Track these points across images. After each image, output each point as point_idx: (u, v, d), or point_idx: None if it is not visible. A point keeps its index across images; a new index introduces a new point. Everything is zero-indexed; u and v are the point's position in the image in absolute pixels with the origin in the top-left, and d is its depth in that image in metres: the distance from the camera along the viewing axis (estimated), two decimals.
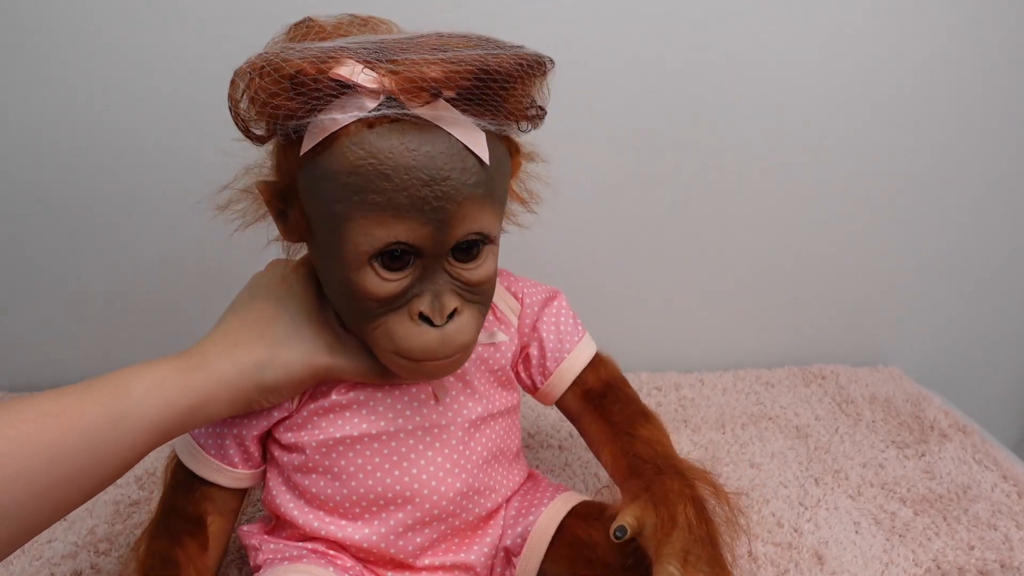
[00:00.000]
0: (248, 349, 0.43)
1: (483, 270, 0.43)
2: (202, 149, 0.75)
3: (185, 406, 0.40)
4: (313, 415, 0.47)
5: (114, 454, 0.37)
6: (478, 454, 0.49)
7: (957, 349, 0.98)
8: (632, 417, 0.52)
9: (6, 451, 0.33)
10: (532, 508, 0.51)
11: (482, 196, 0.40)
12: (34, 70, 0.71)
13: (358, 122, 0.38)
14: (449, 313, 0.42)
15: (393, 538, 0.47)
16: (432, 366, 0.42)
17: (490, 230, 0.42)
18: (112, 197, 0.76)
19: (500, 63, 0.38)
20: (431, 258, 0.41)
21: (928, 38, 0.79)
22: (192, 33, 0.70)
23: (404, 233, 0.39)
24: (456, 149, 0.39)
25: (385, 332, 0.42)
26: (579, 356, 0.54)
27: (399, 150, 0.38)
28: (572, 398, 0.55)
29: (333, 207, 0.39)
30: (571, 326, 0.55)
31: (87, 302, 0.81)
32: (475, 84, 0.38)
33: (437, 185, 0.38)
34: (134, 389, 0.39)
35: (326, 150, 0.39)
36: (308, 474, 0.47)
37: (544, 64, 0.41)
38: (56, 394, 0.37)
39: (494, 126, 0.40)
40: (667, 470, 0.46)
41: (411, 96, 0.37)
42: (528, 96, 0.41)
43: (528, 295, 0.54)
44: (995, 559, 0.57)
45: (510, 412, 0.52)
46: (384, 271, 0.40)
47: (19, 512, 0.34)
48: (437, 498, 0.47)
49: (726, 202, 0.84)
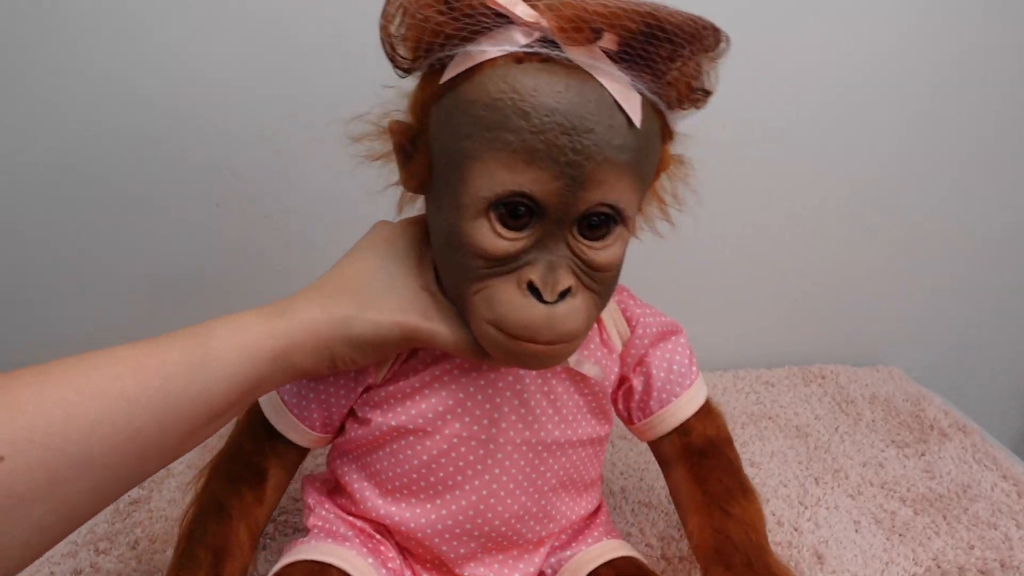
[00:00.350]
0: (339, 301, 0.41)
1: (609, 253, 0.38)
2: (202, 152, 0.75)
3: (269, 352, 0.38)
4: (392, 396, 0.45)
5: (196, 402, 0.36)
6: (546, 479, 0.46)
7: (957, 349, 0.98)
8: (732, 490, 0.47)
9: (81, 401, 0.32)
10: (574, 543, 0.48)
11: (625, 163, 0.36)
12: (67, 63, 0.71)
13: (506, 56, 0.35)
14: (563, 291, 0.37)
15: (438, 540, 0.45)
16: (530, 348, 0.37)
17: (626, 206, 0.37)
18: (115, 196, 0.76)
19: (672, 15, 0.34)
20: (554, 223, 0.37)
21: (932, 39, 0.79)
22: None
23: (531, 183, 0.35)
24: (606, 103, 0.35)
25: (486, 298, 0.38)
26: (687, 403, 0.49)
27: (544, 89, 0.34)
28: (669, 445, 0.50)
29: (462, 143, 0.36)
30: (685, 367, 0.50)
31: (90, 301, 0.82)
32: (642, 31, 0.34)
33: (578, 136, 0.34)
34: (215, 334, 0.37)
35: (467, 80, 0.36)
36: (375, 451, 0.46)
37: (720, 33, 0.37)
38: (133, 344, 0.35)
39: (652, 93, 0.37)
40: (759, 569, 0.43)
41: (569, 33, 0.34)
42: (697, 68, 0.38)
43: (643, 324, 0.49)
44: (995, 558, 0.57)
45: (596, 442, 0.48)
46: (501, 226, 0.36)
47: (103, 463, 0.32)
48: (492, 515, 0.45)
49: (725, 202, 0.84)
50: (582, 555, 0.47)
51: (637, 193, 0.38)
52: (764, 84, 0.78)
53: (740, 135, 0.80)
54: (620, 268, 0.41)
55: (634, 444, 0.72)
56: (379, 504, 0.46)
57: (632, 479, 0.67)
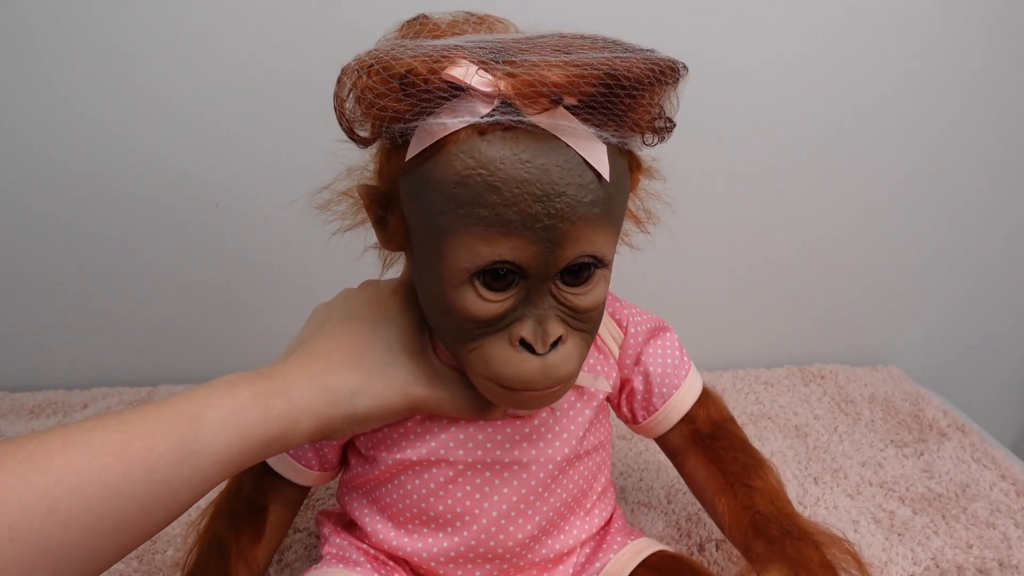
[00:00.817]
0: (341, 375, 0.40)
1: (593, 296, 0.39)
2: (201, 152, 0.75)
3: (263, 437, 0.37)
4: (394, 431, 0.45)
5: (183, 489, 0.34)
6: (557, 496, 0.46)
7: (956, 348, 0.98)
8: (749, 465, 0.49)
9: (65, 494, 0.30)
10: (600, 554, 0.48)
11: (598, 216, 0.36)
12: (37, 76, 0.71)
13: (469, 128, 0.35)
14: (553, 341, 0.38)
15: (453, 567, 0.45)
16: (529, 396, 0.39)
17: (604, 253, 0.38)
18: (115, 196, 0.77)
19: (629, 68, 0.34)
20: (537, 280, 0.37)
21: (928, 38, 0.79)
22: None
23: (510, 252, 0.35)
24: (574, 163, 0.35)
25: (481, 356, 0.39)
26: (687, 393, 0.51)
27: (511, 161, 0.34)
28: (677, 436, 0.51)
29: (436, 218, 0.36)
30: (679, 359, 0.51)
31: (90, 303, 0.82)
32: (600, 91, 0.34)
33: (550, 201, 0.35)
34: (208, 420, 0.35)
35: (432, 157, 0.36)
36: (382, 485, 0.46)
37: (677, 71, 0.36)
38: (121, 422, 0.34)
39: (617, 138, 0.37)
40: (798, 534, 0.44)
41: (529, 102, 0.34)
42: (656, 106, 0.37)
43: (633, 324, 0.51)
44: (993, 557, 0.57)
45: (599, 449, 0.49)
46: (485, 291, 0.37)
47: (82, 552, 0.31)
48: (504, 537, 0.45)
49: (725, 202, 0.84)
50: (612, 564, 0.47)
51: (614, 236, 0.39)
52: (762, 84, 0.78)
53: (740, 136, 0.80)
54: (604, 303, 0.41)
55: (633, 444, 0.72)
56: (391, 536, 0.46)
57: (632, 479, 0.67)
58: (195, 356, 0.84)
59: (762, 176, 0.83)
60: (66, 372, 0.84)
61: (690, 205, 0.83)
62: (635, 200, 0.46)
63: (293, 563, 0.56)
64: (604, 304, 0.41)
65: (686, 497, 0.63)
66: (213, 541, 0.46)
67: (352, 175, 0.44)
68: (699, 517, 0.61)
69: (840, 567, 0.43)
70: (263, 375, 0.39)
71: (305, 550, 0.57)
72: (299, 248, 0.79)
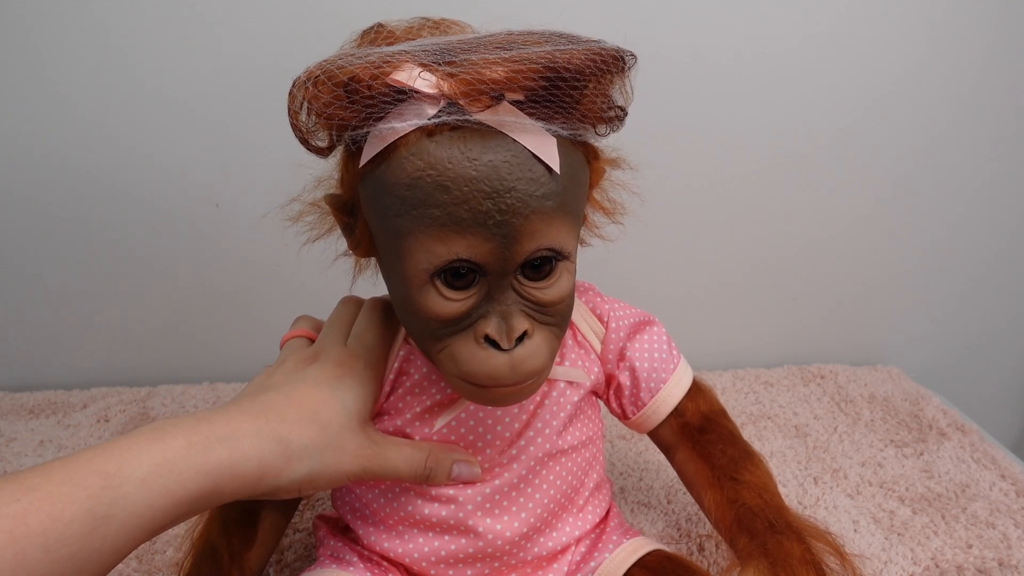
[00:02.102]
0: (298, 429, 0.38)
1: (556, 289, 0.39)
2: (201, 152, 0.75)
3: (192, 494, 0.33)
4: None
5: (88, 566, 0.30)
6: (544, 492, 0.46)
7: (956, 348, 0.98)
8: (736, 459, 0.49)
9: None
10: (595, 553, 0.48)
11: (552, 208, 0.37)
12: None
13: (418, 131, 0.35)
14: (519, 336, 0.38)
15: (444, 567, 0.45)
16: (500, 392, 0.39)
17: (563, 246, 0.38)
18: (115, 196, 0.77)
19: (570, 59, 0.34)
20: (497, 276, 0.37)
21: (924, 37, 0.79)
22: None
23: (466, 250, 0.36)
24: (522, 158, 0.36)
25: (450, 355, 0.39)
26: (675, 387, 0.51)
27: (459, 160, 0.35)
28: (667, 430, 0.51)
29: (392, 221, 0.37)
30: (666, 353, 0.51)
31: (90, 303, 0.82)
32: (542, 84, 0.34)
33: (500, 198, 0.35)
34: (128, 477, 0.31)
35: (385, 161, 0.36)
36: (371, 490, 0.47)
37: (623, 59, 0.37)
38: (18, 488, 0.29)
39: (567, 131, 0.37)
40: (782, 528, 0.44)
41: (471, 100, 0.34)
42: (605, 96, 0.38)
43: (615, 318, 0.50)
44: (993, 557, 0.57)
45: (587, 444, 0.49)
46: (447, 290, 0.37)
47: None
48: (492, 536, 0.45)
49: (724, 201, 0.84)
50: (607, 563, 0.47)
51: (572, 228, 0.39)
52: (760, 84, 0.78)
53: (738, 135, 0.80)
54: (573, 296, 0.41)
55: (633, 444, 0.72)
56: (382, 539, 0.46)
57: (631, 479, 0.67)
58: (195, 356, 0.84)
59: (761, 176, 0.83)
60: (66, 372, 0.84)
61: (690, 205, 0.83)
62: (601, 191, 0.46)
63: (293, 563, 0.56)
64: (571, 297, 0.41)
65: (686, 497, 0.63)
66: (207, 547, 0.45)
67: (321, 185, 0.44)
68: (699, 517, 0.61)
69: (824, 562, 0.43)
70: (203, 419, 0.36)
71: (305, 550, 0.57)
72: (299, 248, 0.79)
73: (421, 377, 0.45)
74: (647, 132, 0.79)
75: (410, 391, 0.46)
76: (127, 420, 0.75)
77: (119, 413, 0.77)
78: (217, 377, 0.83)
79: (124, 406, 0.78)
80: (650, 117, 0.78)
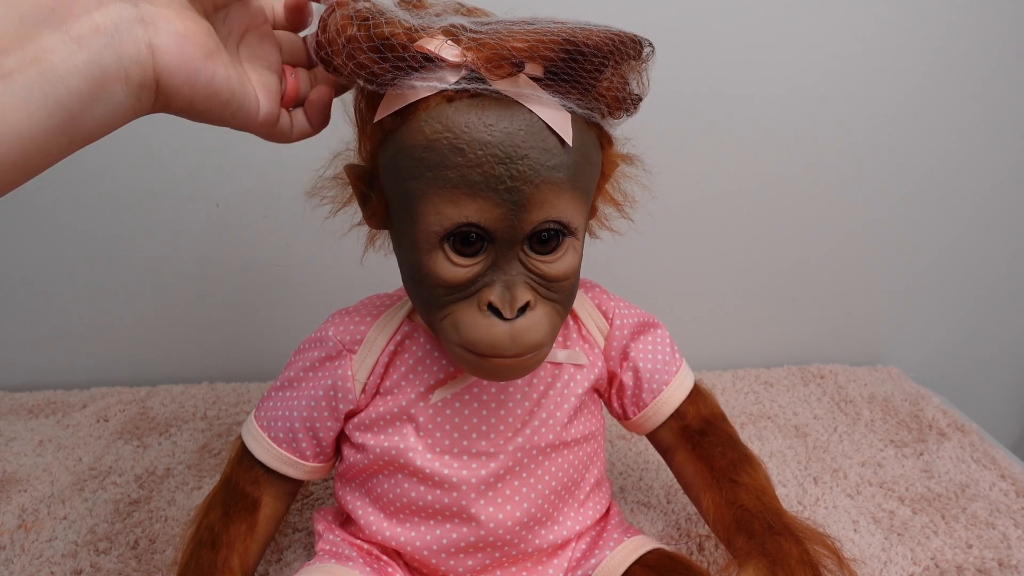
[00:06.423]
0: None
1: (562, 264, 0.40)
2: (202, 152, 0.75)
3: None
4: (381, 419, 0.46)
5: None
6: (545, 483, 0.46)
7: (956, 348, 0.98)
8: (736, 461, 0.49)
9: None
10: (596, 551, 0.48)
11: (563, 180, 0.38)
12: None
13: (438, 96, 0.37)
14: (521, 307, 0.38)
15: (445, 556, 0.46)
16: (499, 363, 0.39)
17: (570, 220, 0.39)
18: (115, 195, 0.77)
19: (589, 36, 0.36)
20: (505, 245, 0.38)
21: (929, 44, 0.79)
22: None
23: (476, 213, 0.37)
24: (537, 127, 0.37)
25: (452, 322, 0.39)
26: (677, 389, 0.51)
27: (475, 124, 0.36)
28: (667, 432, 0.51)
29: (407, 184, 0.38)
30: (669, 355, 0.51)
31: (90, 303, 0.82)
32: (561, 58, 0.36)
33: (513, 164, 0.36)
34: None
35: (404, 123, 0.38)
36: (374, 475, 0.47)
37: (641, 45, 0.38)
38: None
39: (582, 109, 0.38)
40: (780, 529, 0.44)
41: (493, 68, 0.35)
42: (622, 79, 0.39)
43: (620, 316, 0.51)
44: (993, 557, 0.57)
45: (589, 439, 0.49)
46: (455, 255, 0.38)
47: None
48: (494, 525, 0.45)
49: (724, 203, 0.84)
50: (608, 560, 0.47)
51: (581, 205, 0.40)
52: (763, 86, 0.78)
53: (740, 137, 0.80)
54: (578, 275, 0.42)
55: (633, 444, 0.72)
56: (384, 527, 0.46)
57: (631, 479, 0.67)
58: (195, 356, 0.84)
59: (761, 178, 0.83)
60: (65, 372, 0.84)
61: (691, 206, 0.83)
62: (613, 184, 0.47)
63: (292, 563, 0.56)
64: (576, 276, 0.42)
65: (685, 497, 0.63)
66: (207, 533, 0.46)
67: (337, 160, 0.45)
68: (699, 517, 0.61)
69: (821, 564, 0.43)
70: None
71: (304, 549, 0.57)
72: (299, 248, 0.79)
73: (424, 354, 0.46)
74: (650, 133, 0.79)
75: (412, 369, 0.46)
76: (127, 420, 0.75)
77: (119, 413, 0.77)
78: (217, 377, 0.83)
79: (124, 406, 0.78)
80: (653, 119, 0.78)
